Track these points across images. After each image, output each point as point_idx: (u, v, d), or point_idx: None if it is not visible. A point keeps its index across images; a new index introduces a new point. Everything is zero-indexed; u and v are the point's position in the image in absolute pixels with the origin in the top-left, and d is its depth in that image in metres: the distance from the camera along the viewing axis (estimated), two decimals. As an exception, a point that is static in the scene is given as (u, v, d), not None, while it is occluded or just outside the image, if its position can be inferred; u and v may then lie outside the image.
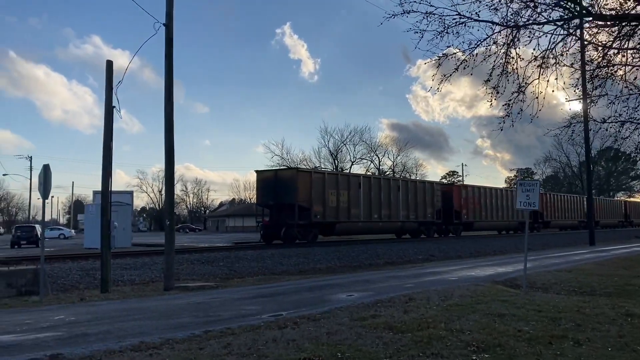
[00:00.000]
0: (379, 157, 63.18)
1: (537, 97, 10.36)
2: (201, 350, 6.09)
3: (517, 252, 26.08)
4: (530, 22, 9.84)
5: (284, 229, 26.35)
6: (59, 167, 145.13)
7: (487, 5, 9.66)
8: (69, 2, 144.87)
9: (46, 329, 7.92)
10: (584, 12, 9.74)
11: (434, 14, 9.76)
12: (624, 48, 10.25)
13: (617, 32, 10.04)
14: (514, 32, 9.95)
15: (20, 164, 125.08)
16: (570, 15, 9.81)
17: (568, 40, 10.20)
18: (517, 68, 10.27)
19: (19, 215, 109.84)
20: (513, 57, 10.16)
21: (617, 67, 10.56)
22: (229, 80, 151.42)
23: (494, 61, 10.16)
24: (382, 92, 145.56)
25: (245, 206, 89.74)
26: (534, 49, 10.26)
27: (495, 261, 20.65)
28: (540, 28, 10.00)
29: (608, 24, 10.04)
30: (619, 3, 9.79)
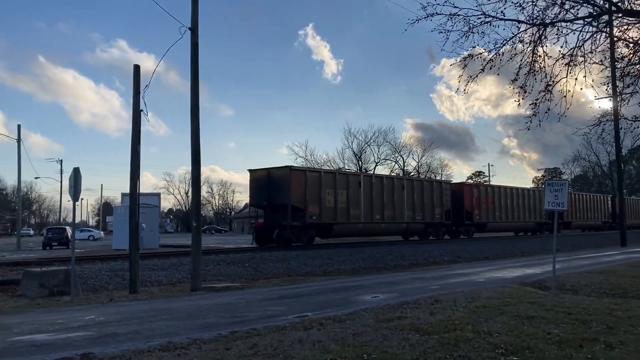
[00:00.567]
0: (403, 158, 62.73)
1: (565, 96, 10.18)
2: (228, 351, 6.15)
3: (546, 253, 25.63)
4: (558, 19, 9.67)
5: (276, 230, 24.99)
6: (88, 170, 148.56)
7: (512, 3, 9.54)
8: (96, 7, 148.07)
9: (77, 328, 8.10)
10: (613, 8, 9.53)
11: (459, 14, 9.69)
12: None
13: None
14: (541, 30, 9.80)
15: (51, 167, 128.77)
16: (599, 11, 9.62)
17: (597, 37, 10.01)
18: (545, 66, 10.11)
19: (50, 217, 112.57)
20: (540, 56, 10.01)
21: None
22: (253, 82, 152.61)
23: (521, 60, 10.02)
24: (406, 91, 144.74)
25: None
26: (561, 46, 10.07)
27: (523, 262, 20.33)
28: (568, 25, 9.82)
29: (639, 20, 9.80)
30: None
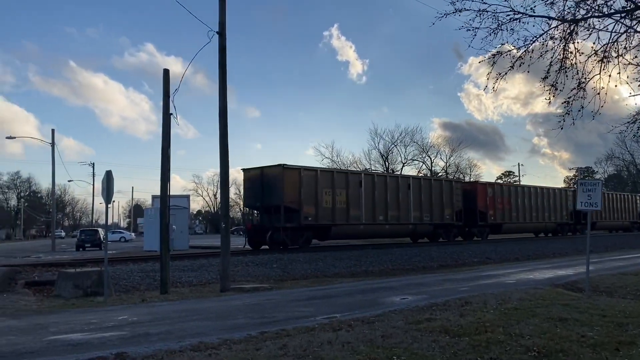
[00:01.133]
0: (431, 158, 62.03)
1: (598, 93, 9.93)
2: (258, 351, 6.20)
3: (577, 254, 25.11)
4: (590, 15, 9.46)
5: (269, 232, 23.74)
6: (119, 173, 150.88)
7: (542, 0, 9.37)
8: (124, 12, 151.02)
9: (111, 328, 8.27)
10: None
11: (487, 11, 9.56)
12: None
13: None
14: (572, 26, 9.60)
15: (83, 171, 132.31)
16: (634, 6, 9.37)
17: (631, 32, 9.74)
18: (576, 63, 9.88)
19: (83, 219, 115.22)
20: (571, 52, 9.79)
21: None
22: (279, 84, 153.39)
23: (551, 57, 9.82)
24: (433, 91, 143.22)
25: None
26: (594, 42, 9.83)
27: (554, 264, 19.94)
28: (601, 21, 9.60)
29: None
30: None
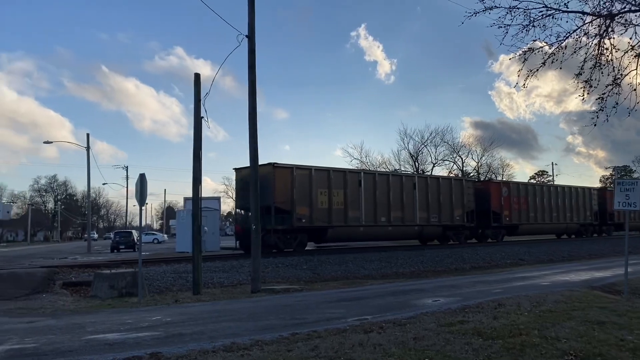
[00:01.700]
0: (462, 158, 61.08)
1: (635, 89, 9.67)
2: (289, 352, 6.22)
3: (615, 256, 24.42)
4: (626, 9, 9.23)
5: (260, 235, 23.16)
6: (151, 175, 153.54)
7: (576, -5, 9.18)
8: (153, 17, 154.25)
9: (145, 328, 8.44)
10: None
11: (518, 7, 9.43)
12: None
13: None
14: (607, 21, 9.37)
15: (117, 174, 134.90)
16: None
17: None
18: (612, 59, 9.64)
19: (117, 221, 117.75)
20: (607, 48, 9.57)
21: None
22: (307, 85, 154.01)
23: (586, 53, 9.62)
24: (463, 89, 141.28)
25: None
26: (630, 37, 9.61)
27: (591, 265, 19.45)
28: (638, 16, 9.34)
29: None
30: None
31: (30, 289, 13.79)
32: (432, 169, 57.69)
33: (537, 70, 9.91)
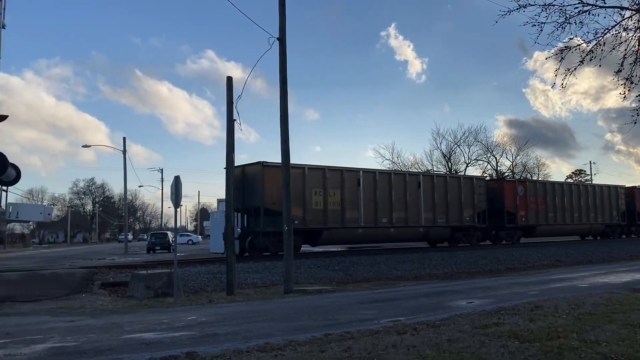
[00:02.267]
0: (496, 158, 60.11)
1: (678, 85, 9.34)
2: (322, 353, 6.24)
3: (659, 257, 23.63)
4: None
5: (249, 237, 21.88)
6: (185, 177, 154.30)
7: (614, -11, 8.93)
8: (185, 21, 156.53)
9: (181, 328, 8.59)
10: None
11: (554, 5, 9.22)
12: None
13: None
14: (647, 15, 9.08)
15: (152, 176, 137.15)
16: None
17: None
18: (653, 54, 9.33)
19: (153, 223, 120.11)
20: (648, 43, 9.26)
21: None
22: (337, 86, 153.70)
23: (625, 49, 9.33)
24: (497, 87, 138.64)
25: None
26: (672, 31, 9.27)
27: (632, 266, 18.88)
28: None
29: None
30: None
31: (70, 289, 14.20)
32: (465, 169, 56.98)
33: (575, 69, 9.67)
